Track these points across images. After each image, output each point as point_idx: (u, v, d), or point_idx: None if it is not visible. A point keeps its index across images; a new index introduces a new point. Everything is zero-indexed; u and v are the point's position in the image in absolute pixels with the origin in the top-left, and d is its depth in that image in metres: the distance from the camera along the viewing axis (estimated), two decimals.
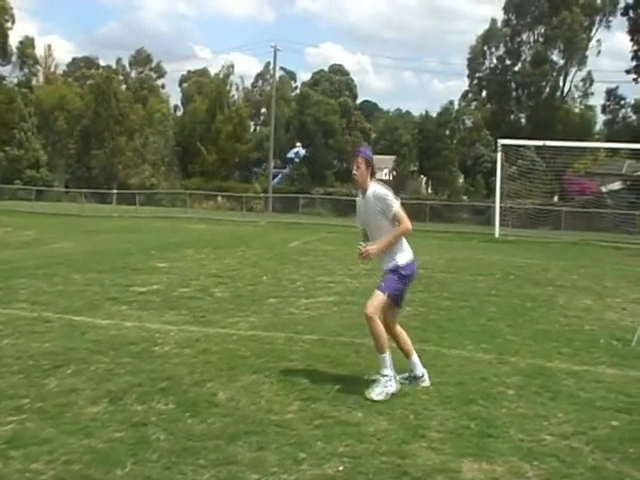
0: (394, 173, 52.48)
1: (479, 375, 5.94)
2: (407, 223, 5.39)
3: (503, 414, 4.96)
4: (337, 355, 6.44)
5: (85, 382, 5.37)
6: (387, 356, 5.30)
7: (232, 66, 54.13)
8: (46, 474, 3.77)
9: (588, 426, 4.75)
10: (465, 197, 46.63)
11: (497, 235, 25.64)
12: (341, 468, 3.96)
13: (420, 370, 5.57)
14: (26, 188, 40.63)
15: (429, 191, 51.32)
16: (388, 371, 5.29)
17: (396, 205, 5.32)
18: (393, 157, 52.30)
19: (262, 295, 9.79)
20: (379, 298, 5.34)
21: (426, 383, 5.52)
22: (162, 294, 9.53)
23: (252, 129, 59.19)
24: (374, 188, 5.37)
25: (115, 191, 39.93)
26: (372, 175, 5.42)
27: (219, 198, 41.13)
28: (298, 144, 50.78)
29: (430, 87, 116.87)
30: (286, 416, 4.77)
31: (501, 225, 26.36)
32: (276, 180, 50.07)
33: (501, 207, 26.55)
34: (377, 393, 5.19)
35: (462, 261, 15.93)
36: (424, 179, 53.30)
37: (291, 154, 53.16)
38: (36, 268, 11.60)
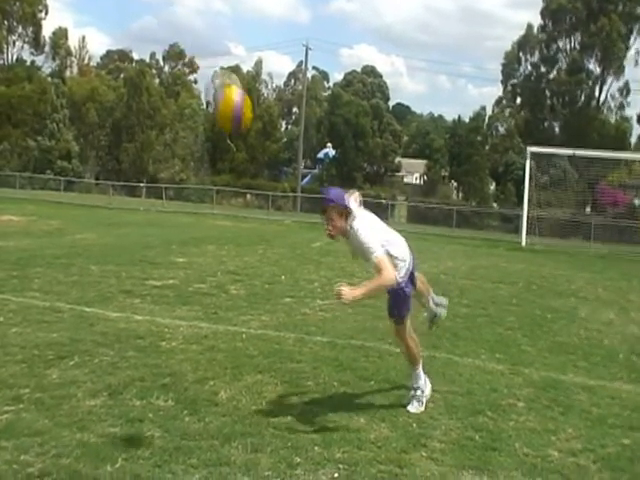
0: (425, 178, 52.17)
1: (489, 385, 5.77)
2: (387, 275, 4.57)
3: (510, 427, 4.79)
4: (346, 358, 6.31)
5: (87, 374, 5.32)
6: (420, 369, 5.12)
7: (260, 62, 54.31)
8: (34, 467, 3.71)
9: (598, 443, 4.56)
10: (495, 204, 46.14)
11: (524, 244, 25.25)
12: (336, 475, 3.85)
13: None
14: (56, 178, 41.16)
15: (459, 197, 50.90)
16: (421, 383, 5.10)
17: (376, 254, 4.58)
18: (424, 161, 52.00)
19: (277, 294, 9.70)
20: (400, 327, 5.07)
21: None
22: (177, 289, 9.49)
23: (283, 128, 59.24)
24: (354, 229, 4.65)
25: (143, 184, 40.21)
26: (348, 217, 4.65)
27: (247, 196, 41.21)
28: (329, 145, 50.68)
29: (464, 92, 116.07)
30: (286, 418, 4.67)
31: (528, 234, 25.96)
32: (305, 180, 50.05)
33: (529, 216, 26.15)
34: (415, 407, 4.99)
35: (485, 268, 15.66)
36: (454, 184, 52.89)
37: (321, 155, 53.06)
38: (54, 258, 11.65)
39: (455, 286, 11.95)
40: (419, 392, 5.04)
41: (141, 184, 40.21)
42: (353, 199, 4.83)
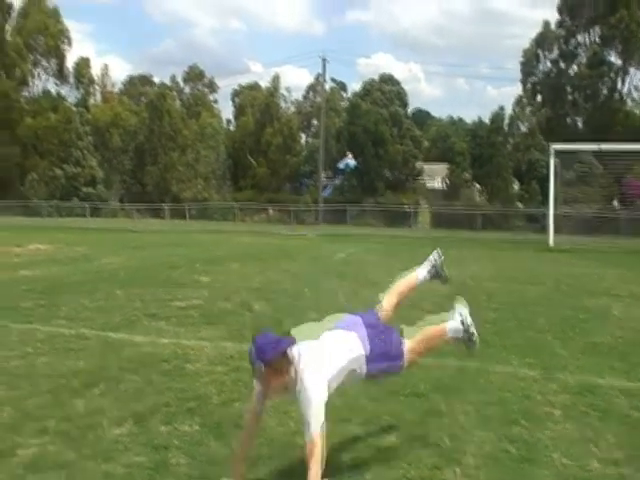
0: (447, 182, 51.80)
1: (522, 393, 5.61)
2: (312, 444, 3.52)
3: (547, 436, 4.63)
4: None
5: (112, 402, 5.27)
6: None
7: (277, 77, 54.49)
8: None
9: None
10: (520, 204, 45.63)
11: (551, 243, 24.88)
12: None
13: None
14: (81, 205, 41.65)
15: (483, 199, 50.44)
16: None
17: (313, 430, 3.53)
18: (446, 165, 51.66)
19: (302, 309, 9.59)
20: (412, 359, 4.37)
21: None
22: (201, 309, 9.45)
23: (303, 141, 59.37)
24: (299, 382, 3.55)
25: (166, 205, 40.50)
26: (289, 366, 3.52)
27: (269, 211, 41.28)
28: (349, 155, 50.66)
29: (484, 93, 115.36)
30: None
31: (556, 233, 25.58)
32: (327, 191, 50.02)
33: (555, 214, 25.79)
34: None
35: (512, 270, 15.43)
36: (478, 187, 52.45)
37: (341, 165, 53.03)
38: (80, 284, 11.71)
39: (482, 290, 11.77)
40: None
41: (164, 205, 40.49)
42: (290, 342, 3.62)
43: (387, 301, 4.52)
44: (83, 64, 55.70)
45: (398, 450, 4.37)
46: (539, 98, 51.93)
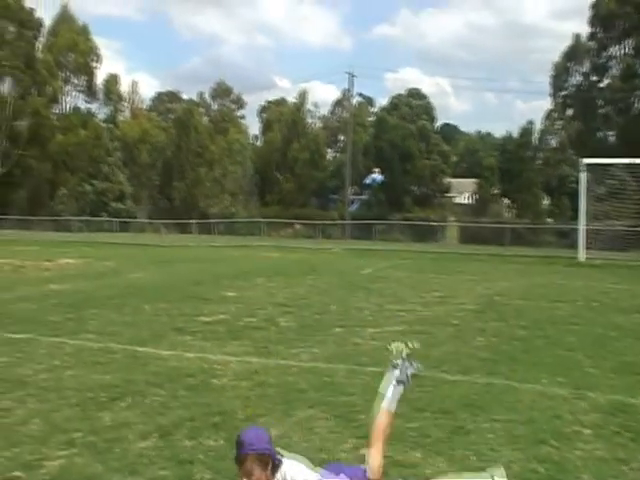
0: (475, 197, 51.46)
1: (552, 412, 5.51)
2: None
3: (577, 457, 4.54)
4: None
5: (138, 416, 5.30)
6: None
7: (304, 93, 54.77)
8: None
9: None
10: (550, 220, 45.11)
11: (582, 259, 24.52)
12: None
13: None
14: (110, 220, 42.19)
15: (512, 214, 49.97)
16: None
17: None
18: (474, 180, 51.35)
19: (328, 325, 9.58)
20: None
21: None
22: (227, 324, 9.47)
23: (331, 156, 59.51)
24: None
25: (194, 221, 40.82)
26: (275, 468, 3.26)
27: (296, 226, 41.35)
28: (377, 170, 50.59)
29: (513, 107, 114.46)
30: (339, 455, 4.53)
31: (586, 248, 25.20)
32: (354, 206, 49.99)
33: (586, 229, 25.43)
34: None
35: (542, 287, 15.22)
36: (507, 202, 52.00)
37: (368, 180, 52.99)
38: (108, 298, 11.82)
39: (511, 307, 11.64)
40: None
41: (192, 221, 40.81)
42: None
43: (373, 458, 3.83)
44: (112, 81, 56.63)
45: (423, 467, 4.32)
46: (569, 112, 51.43)
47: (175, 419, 5.20)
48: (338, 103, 59.14)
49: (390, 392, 4.09)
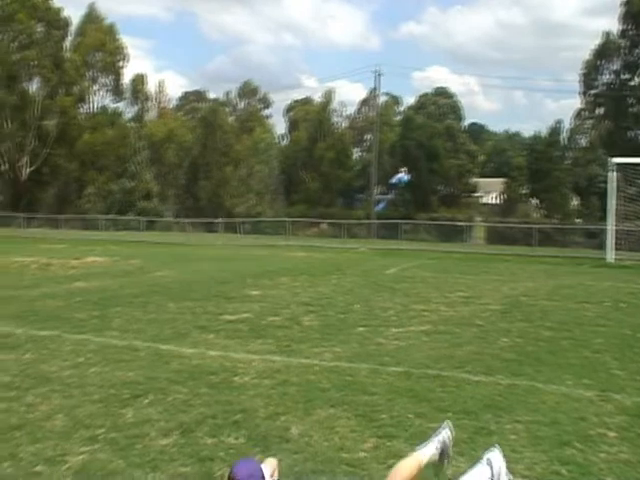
0: (504, 196, 51.01)
1: (577, 414, 5.43)
2: None
3: (601, 459, 4.47)
4: (421, 389, 6.09)
5: (160, 413, 5.33)
6: None
7: (330, 92, 54.70)
8: None
9: None
10: (578, 220, 44.54)
11: (610, 260, 24.16)
12: None
13: None
14: (137, 219, 42.57)
15: (540, 214, 49.43)
16: None
17: None
18: (502, 180, 50.90)
19: (351, 324, 9.55)
20: None
21: None
22: (251, 323, 9.49)
23: (357, 155, 59.38)
24: None
25: (220, 220, 41.01)
26: None
27: (321, 225, 41.34)
28: (404, 169, 50.40)
29: (542, 107, 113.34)
30: (359, 454, 4.51)
31: (616, 249, 24.83)
32: (380, 206, 49.83)
33: (615, 230, 25.04)
34: None
35: (569, 288, 15.03)
36: (535, 202, 51.46)
37: (394, 179, 52.81)
38: (133, 296, 11.92)
39: (537, 308, 11.50)
40: None
41: (217, 220, 41.01)
42: (269, 472, 3.34)
43: None
44: (139, 80, 57.01)
45: (445, 468, 4.27)
46: (600, 110, 50.70)
47: (197, 416, 5.22)
48: (364, 102, 58.95)
49: (430, 446, 3.89)
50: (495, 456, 3.54)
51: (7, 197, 50.64)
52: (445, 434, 3.91)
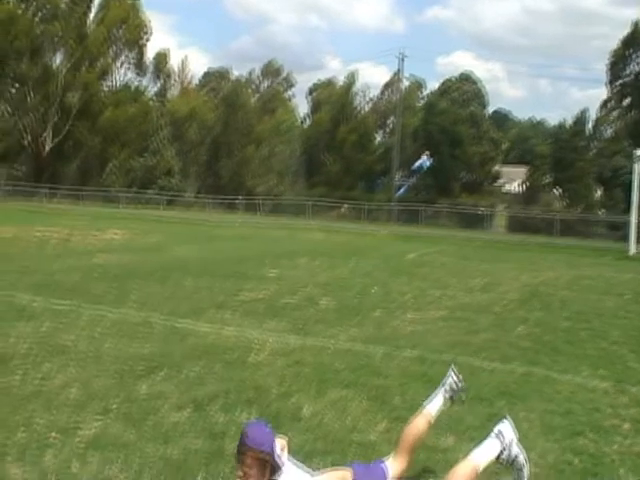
0: (526, 185, 50.52)
1: (591, 405, 5.38)
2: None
3: (614, 451, 4.42)
4: (435, 374, 6.03)
5: (174, 388, 5.36)
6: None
7: (353, 74, 54.37)
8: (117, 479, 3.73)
9: None
10: (601, 211, 44.01)
11: (632, 252, 23.86)
12: None
13: None
14: (158, 196, 42.78)
15: (563, 204, 48.90)
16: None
17: None
18: (525, 168, 50.38)
19: (368, 307, 9.54)
20: None
21: None
22: (267, 302, 9.52)
23: (379, 139, 59.01)
24: None
25: (240, 198, 41.08)
26: (274, 471, 3.21)
27: (342, 208, 41.29)
28: (427, 153, 50.01)
29: (568, 95, 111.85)
30: (370, 436, 4.51)
31: (638, 242, 24.51)
32: (402, 191, 49.57)
33: (639, 222, 24.70)
34: None
35: (589, 279, 14.87)
36: (558, 191, 50.90)
37: (417, 164, 52.45)
38: (151, 272, 12.00)
39: (556, 298, 11.40)
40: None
41: (238, 198, 41.10)
42: (280, 447, 3.31)
43: (399, 464, 3.74)
44: (162, 57, 56.78)
45: (454, 452, 4.26)
46: (626, 101, 49.87)
47: (210, 393, 5.24)
48: (388, 85, 58.46)
49: (436, 397, 4.05)
50: (505, 428, 3.53)
51: (29, 170, 51.06)
52: (450, 380, 4.16)
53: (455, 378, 4.15)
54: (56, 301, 8.72)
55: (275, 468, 3.20)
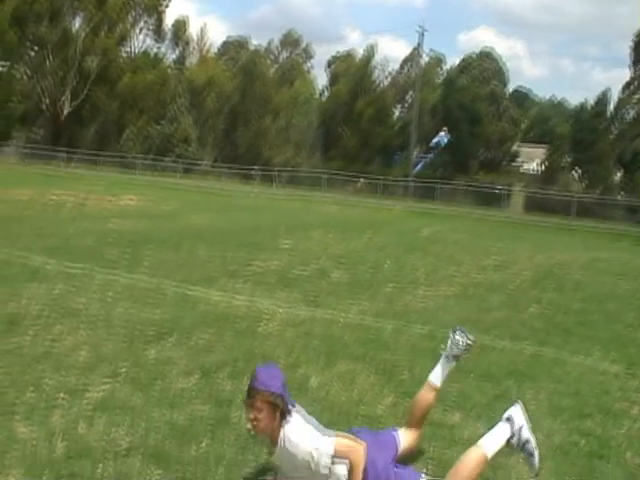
0: (545, 165, 50.02)
1: (601, 387, 5.34)
2: (356, 452, 3.19)
3: (621, 434, 4.39)
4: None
5: (183, 354, 5.38)
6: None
7: (372, 47, 53.78)
8: (122, 442, 3.75)
9: None
10: (621, 194, 43.52)
11: None
12: (424, 471, 3.63)
13: None
14: (174, 164, 42.76)
15: (582, 186, 48.40)
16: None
17: (330, 446, 3.16)
18: (544, 148, 49.83)
19: (380, 281, 9.50)
20: None
21: None
22: (279, 273, 9.51)
23: (397, 113, 58.50)
24: (288, 439, 3.16)
25: (256, 169, 40.98)
26: (284, 416, 3.19)
27: (358, 182, 41.10)
28: (445, 129, 49.58)
29: (590, 76, 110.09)
30: (376, 410, 4.51)
31: None
32: (419, 166, 49.27)
33: None
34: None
35: (605, 261, 14.73)
36: (577, 173, 50.36)
37: (435, 140, 52.05)
38: (165, 239, 12.02)
39: (570, 279, 11.30)
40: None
41: (254, 169, 41.00)
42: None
43: (407, 435, 3.74)
44: (181, 23, 56.40)
45: (460, 428, 4.26)
46: None
47: (218, 360, 5.25)
48: (407, 60, 57.79)
49: (440, 364, 4.00)
50: (516, 412, 3.50)
51: (47, 134, 51.12)
52: (452, 343, 4.10)
53: (459, 337, 4.10)
54: (69, 264, 8.76)
55: (285, 413, 3.18)
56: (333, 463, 3.16)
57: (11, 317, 6.04)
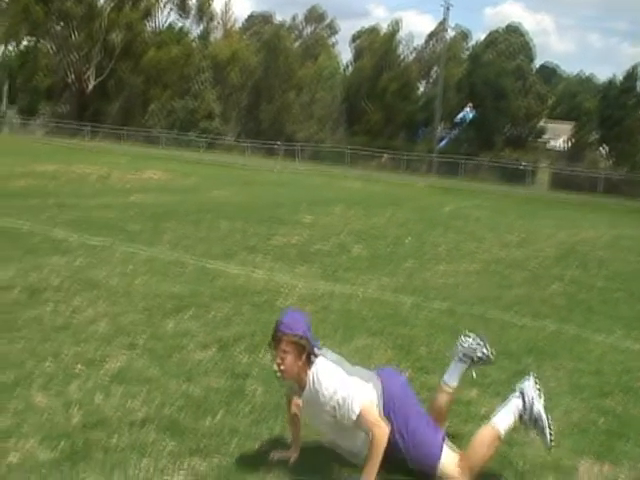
0: (572, 141, 49.27)
1: (622, 366, 5.25)
2: (381, 429, 3.06)
3: None
4: (463, 327, 5.89)
5: (200, 327, 5.39)
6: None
7: (397, 22, 53.10)
8: (138, 413, 3.77)
9: None
10: None
11: None
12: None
13: None
14: (198, 138, 42.80)
15: (609, 163, 47.63)
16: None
17: (358, 404, 3.08)
18: (570, 125, 49.03)
19: (400, 257, 9.45)
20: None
21: None
22: (299, 247, 9.50)
23: (422, 89, 57.87)
24: (317, 380, 3.15)
25: (279, 144, 40.89)
26: (310, 359, 3.23)
27: (383, 157, 40.84)
28: (470, 105, 48.90)
29: (619, 51, 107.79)
30: None
31: None
32: (443, 142, 48.80)
33: None
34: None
35: (630, 239, 14.51)
36: (605, 149, 49.54)
37: (460, 116, 51.41)
38: (186, 213, 12.06)
39: (593, 257, 11.15)
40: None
41: (277, 144, 40.91)
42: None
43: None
44: None
45: (477, 405, 4.22)
46: None
47: (235, 334, 5.26)
48: (432, 35, 57.01)
49: (452, 365, 3.79)
50: (528, 385, 3.45)
51: (72, 108, 51.45)
52: (464, 345, 3.71)
53: (467, 341, 3.70)
54: (91, 237, 8.83)
55: (311, 355, 3.21)
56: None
57: (32, 288, 6.11)
